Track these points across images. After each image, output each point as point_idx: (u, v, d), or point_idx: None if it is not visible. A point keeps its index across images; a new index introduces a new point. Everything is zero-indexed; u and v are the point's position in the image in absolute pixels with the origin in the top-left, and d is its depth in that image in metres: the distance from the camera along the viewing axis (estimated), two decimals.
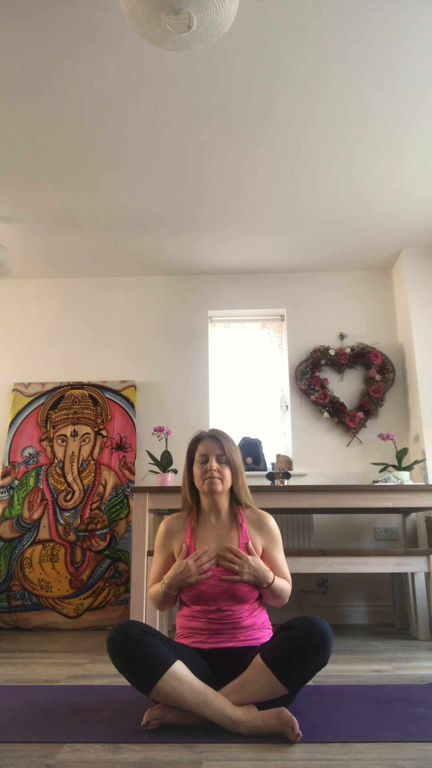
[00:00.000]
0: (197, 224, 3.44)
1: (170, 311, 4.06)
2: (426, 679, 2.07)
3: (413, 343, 3.60)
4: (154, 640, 1.54)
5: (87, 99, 2.41)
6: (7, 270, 3.35)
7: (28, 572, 3.42)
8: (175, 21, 1.73)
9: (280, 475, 3.05)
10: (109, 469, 3.64)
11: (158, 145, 2.71)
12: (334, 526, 3.58)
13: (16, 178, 2.94)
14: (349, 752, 1.35)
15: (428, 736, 1.45)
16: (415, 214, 3.35)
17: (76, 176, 2.94)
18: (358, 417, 3.69)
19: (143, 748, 1.40)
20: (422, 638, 2.88)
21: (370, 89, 2.38)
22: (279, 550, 1.84)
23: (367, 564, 2.74)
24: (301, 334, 3.95)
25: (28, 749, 1.40)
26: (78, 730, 1.53)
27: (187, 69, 2.26)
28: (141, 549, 2.81)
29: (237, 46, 2.14)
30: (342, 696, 1.84)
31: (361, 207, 3.27)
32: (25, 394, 3.85)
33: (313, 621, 1.55)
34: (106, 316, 4.07)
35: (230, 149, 2.75)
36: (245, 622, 1.70)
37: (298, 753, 1.36)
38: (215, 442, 1.84)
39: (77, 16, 2.01)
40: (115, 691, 1.93)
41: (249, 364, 4.03)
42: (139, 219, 3.37)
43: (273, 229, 3.51)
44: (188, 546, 1.78)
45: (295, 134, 2.65)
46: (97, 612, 3.33)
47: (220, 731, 1.47)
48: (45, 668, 2.31)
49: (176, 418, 3.79)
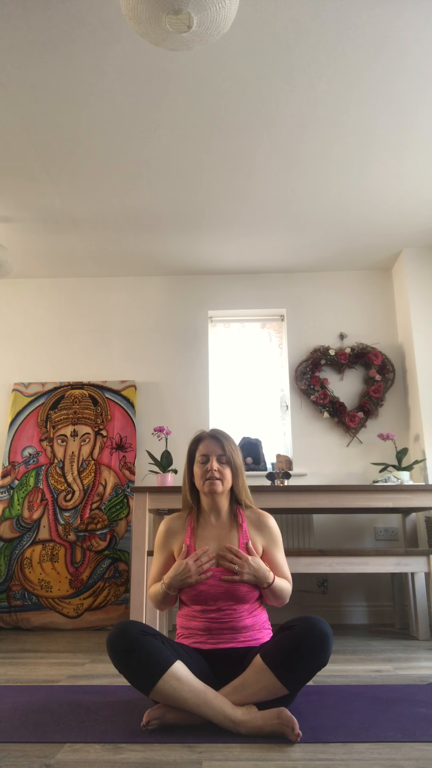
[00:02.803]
0: (197, 224, 3.44)
1: (170, 311, 4.06)
2: (426, 679, 2.07)
3: (413, 343, 3.60)
4: (154, 640, 1.54)
5: (87, 99, 2.41)
6: (7, 270, 3.35)
7: (28, 572, 3.42)
8: (175, 21, 1.73)
9: (280, 475, 3.05)
10: (109, 469, 3.64)
11: (158, 145, 2.71)
12: (334, 526, 3.58)
13: (17, 178, 2.94)
14: (349, 752, 1.35)
15: (428, 736, 1.45)
16: (415, 214, 3.35)
17: (76, 176, 2.94)
18: (358, 417, 3.69)
19: (143, 748, 1.40)
20: (422, 638, 2.88)
21: (370, 89, 2.38)
22: (279, 550, 1.84)
23: (367, 564, 2.74)
24: (301, 334, 3.95)
25: (28, 749, 1.40)
26: (78, 730, 1.53)
27: (187, 69, 2.26)
28: (141, 549, 2.81)
29: (237, 46, 2.14)
30: (342, 696, 1.84)
31: (361, 207, 3.27)
32: (25, 394, 3.85)
33: (313, 621, 1.55)
34: (106, 316, 4.07)
35: (230, 149, 2.75)
36: (245, 622, 1.70)
37: (298, 753, 1.36)
38: (216, 442, 1.84)
39: (77, 15, 2.01)
40: (115, 691, 1.93)
41: (249, 364, 4.03)
42: (139, 219, 3.37)
43: (273, 229, 3.51)
44: (188, 546, 1.78)
45: (295, 134, 2.65)
46: (97, 612, 3.33)
47: (220, 731, 1.47)
48: (45, 668, 2.31)
49: (176, 418, 3.79)
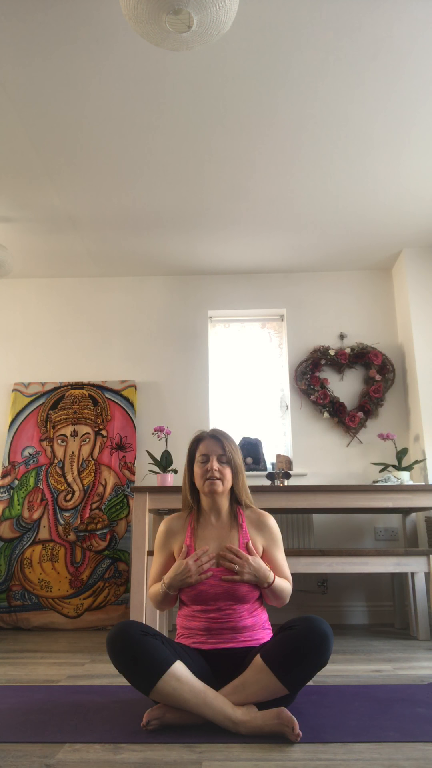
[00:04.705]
0: (197, 224, 3.44)
1: (170, 311, 4.06)
2: (426, 679, 2.07)
3: (413, 343, 3.60)
4: (154, 640, 1.54)
5: (87, 99, 2.41)
6: (7, 270, 3.35)
7: (28, 572, 3.42)
8: (175, 21, 1.73)
9: (280, 475, 3.05)
10: (109, 469, 3.64)
11: (158, 145, 2.71)
12: (334, 526, 3.58)
13: (17, 178, 2.94)
14: (349, 752, 1.35)
15: (428, 736, 1.45)
16: (415, 214, 3.35)
17: (76, 176, 2.94)
18: (358, 417, 3.69)
19: (143, 748, 1.40)
20: (422, 638, 2.88)
21: (369, 89, 2.38)
22: (279, 550, 1.84)
23: (367, 564, 2.74)
24: (301, 334, 3.95)
25: (28, 749, 1.40)
26: (78, 730, 1.53)
27: (187, 69, 2.26)
28: (141, 549, 2.81)
29: (237, 46, 2.14)
30: (342, 696, 1.84)
31: (361, 207, 3.27)
32: (25, 394, 3.85)
33: (313, 621, 1.55)
34: (106, 316, 4.07)
35: (230, 149, 2.75)
36: (245, 621, 1.70)
37: (298, 753, 1.36)
38: (216, 442, 1.84)
39: (77, 15, 2.01)
40: (115, 691, 1.93)
41: (249, 364, 4.03)
42: (139, 219, 3.37)
43: (273, 229, 3.51)
44: (188, 546, 1.78)
45: (295, 134, 2.65)
46: (97, 612, 3.33)
47: (220, 731, 1.47)
48: (45, 668, 2.31)
49: (176, 418, 3.79)
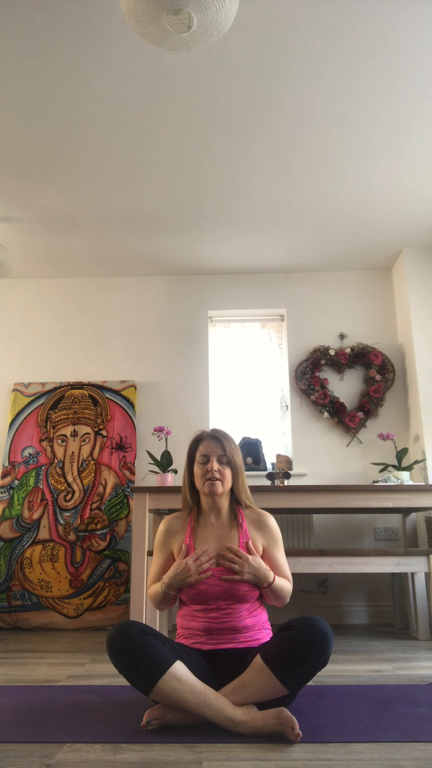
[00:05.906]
0: (197, 224, 3.44)
1: (170, 311, 4.06)
2: (426, 679, 2.07)
3: (413, 343, 3.60)
4: (154, 640, 1.54)
5: (87, 99, 2.41)
6: (7, 270, 3.35)
7: (28, 572, 3.42)
8: (175, 21, 1.73)
9: (280, 475, 3.05)
10: (109, 469, 3.64)
11: (158, 145, 2.71)
12: (334, 526, 3.58)
13: (16, 178, 2.94)
14: (349, 752, 1.35)
15: (428, 736, 1.45)
16: (415, 214, 3.35)
17: (76, 176, 2.94)
18: (358, 417, 3.69)
19: (143, 748, 1.40)
20: (422, 638, 2.88)
21: (369, 89, 2.38)
22: (279, 550, 1.83)
23: (367, 564, 2.74)
24: (301, 334, 3.95)
25: (28, 749, 1.40)
26: (78, 730, 1.53)
27: (187, 69, 2.26)
28: (141, 549, 2.81)
29: (237, 46, 2.14)
30: (342, 696, 1.84)
31: (361, 207, 3.27)
32: (25, 394, 3.85)
33: (313, 621, 1.55)
34: (106, 316, 4.07)
35: (230, 149, 2.75)
36: (245, 621, 1.70)
37: (298, 753, 1.36)
38: (216, 443, 1.84)
39: (77, 16, 2.01)
40: (115, 691, 1.93)
41: (249, 364, 4.03)
42: (139, 219, 3.37)
43: (273, 229, 3.51)
44: (188, 546, 1.78)
45: (295, 134, 2.65)
46: (97, 612, 3.33)
47: (220, 731, 1.47)
48: (45, 668, 2.31)
49: (176, 418, 3.79)
